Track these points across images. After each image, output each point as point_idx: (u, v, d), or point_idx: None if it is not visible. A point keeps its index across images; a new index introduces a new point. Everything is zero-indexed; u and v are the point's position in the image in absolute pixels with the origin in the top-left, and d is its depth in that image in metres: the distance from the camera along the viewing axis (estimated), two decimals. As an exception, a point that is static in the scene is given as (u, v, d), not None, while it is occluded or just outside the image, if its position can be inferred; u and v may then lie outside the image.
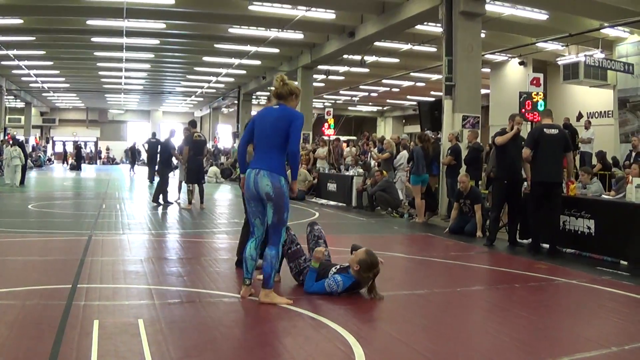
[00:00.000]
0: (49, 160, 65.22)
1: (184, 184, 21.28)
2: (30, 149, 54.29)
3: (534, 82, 20.74)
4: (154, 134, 33.41)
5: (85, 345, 5.80)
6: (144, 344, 5.89)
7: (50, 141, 73.32)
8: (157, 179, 23.12)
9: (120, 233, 14.16)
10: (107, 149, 73.14)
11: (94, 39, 32.58)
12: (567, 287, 9.76)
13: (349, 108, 62.83)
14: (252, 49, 33.55)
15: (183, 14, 27.25)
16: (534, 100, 19.99)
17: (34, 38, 32.28)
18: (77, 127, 72.98)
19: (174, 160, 21.56)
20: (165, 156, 21.56)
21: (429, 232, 16.03)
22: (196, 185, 20.51)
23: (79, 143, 58.63)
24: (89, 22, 28.28)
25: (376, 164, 22.31)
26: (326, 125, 33.25)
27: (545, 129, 12.64)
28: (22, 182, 29.80)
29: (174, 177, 23.18)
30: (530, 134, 12.99)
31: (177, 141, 21.58)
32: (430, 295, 8.79)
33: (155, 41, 33.01)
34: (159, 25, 29.08)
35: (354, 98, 54.89)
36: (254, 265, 8.03)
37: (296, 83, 8.43)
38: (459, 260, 11.90)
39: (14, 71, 43.43)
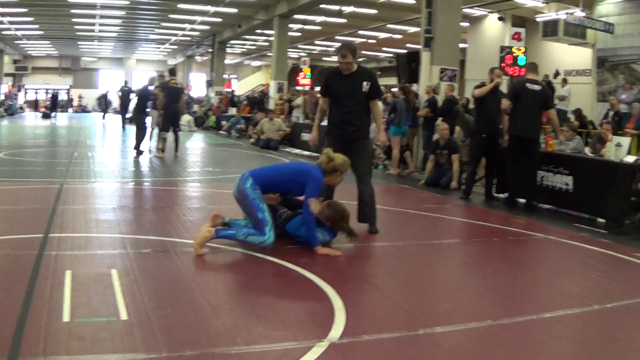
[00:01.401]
0: (21, 108, 64.53)
1: (154, 132, 21.04)
2: (3, 98, 54.09)
3: (516, 36, 20.55)
4: (125, 82, 33.13)
5: (57, 296, 5.63)
6: (117, 295, 5.74)
7: (22, 89, 72.36)
8: (130, 127, 22.86)
9: (92, 181, 13.94)
10: (80, 97, 72.31)
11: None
12: (546, 242, 9.68)
13: (324, 59, 62.41)
14: (229, -5, 33.10)
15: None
16: (515, 55, 19.78)
17: (6, -15, 31.74)
18: (50, 75, 72.00)
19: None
20: (141, 103, 21.24)
21: (404, 184, 15.91)
22: (171, 133, 20.25)
23: (55, 92, 57.86)
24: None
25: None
26: (302, 75, 32.91)
27: (527, 84, 12.48)
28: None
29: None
30: (512, 87, 12.86)
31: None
32: (408, 247, 8.71)
33: (131, -14, 32.59)
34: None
35: (329, 49, 54.45)
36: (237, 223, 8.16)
37: (343, 158, 8.29)
38: (435, 212, 11.81)
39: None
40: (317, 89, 36.74)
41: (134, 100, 27.82)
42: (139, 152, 20.22)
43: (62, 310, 5.27)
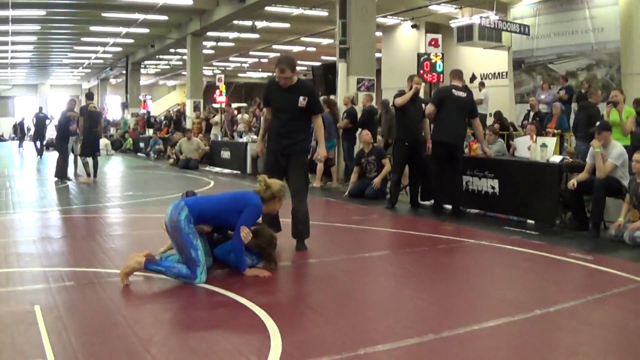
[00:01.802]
0: None
1: (78, 158, 20.47)
2: None
3: (433, 43, 20.57)
4: (40, 109, 32.53)
5: (-23, 338, 5.26)
6: (42, 334, 5.37)
7: None
8: (48, 154, 22.13)
9: (10, 212, 13.32)
10: (-4, 125, 71.15)
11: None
12: (478, 248, 9.53)
13: (239, 75, 62.13)
14: (140, 16, 32.57)
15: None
16: (433, 61, 19.77)
17: None
18: (-39, 104, 70.97)
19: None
20: (63, 129, 20.59)
21: (328, 197, 15.69)
22: (90, 158, 19.70)
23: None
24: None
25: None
26: (217, 92, 32.45)
27: (453, 90, 12.46)
28: None
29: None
30: (437, 92, 12.83)
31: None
32: (339, 262, 8.46)
33: (42, 12, 31.81)
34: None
35: (243, 65, 54.29)
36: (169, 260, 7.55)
37: (280, 184, 8.01)
38: (362, 224, 11.60)
39: None
40: (234, 105, 36.58)
41: (50, 126, 27.21)
42: (64, 179, 19.64)
43: (-17, 355, 4.91)
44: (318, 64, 28.95)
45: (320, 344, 5.25)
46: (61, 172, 19.81)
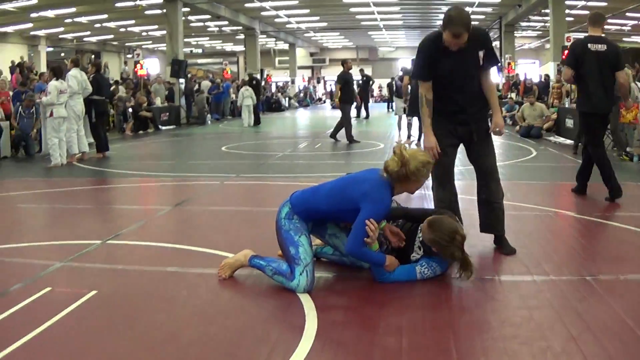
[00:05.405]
0: (319, 99, 67.68)
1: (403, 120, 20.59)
2: (297, 90, 59.58)
3: None
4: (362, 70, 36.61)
5: None
6: None
7: (322, 81, 75.73)
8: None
9: (263, 176, 13.32)
10: (380, 87, 72.97)
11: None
12: None
13: (624, 39, 57.93)
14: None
15: None
16: None
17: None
18: (347, 66, 73.99)
19: None
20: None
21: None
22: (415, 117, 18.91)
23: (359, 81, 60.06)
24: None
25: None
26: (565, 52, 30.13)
27: (589, 44, 9.89)
28: (257, 122, 30.55)
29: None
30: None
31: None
32: (557, 285, 5.87)
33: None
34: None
35: (624, 27, 50.48)
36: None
37: (425, 159, 5.88)
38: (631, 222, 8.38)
39: (263, 13, 44.04)
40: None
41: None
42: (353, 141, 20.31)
43: None
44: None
45: None
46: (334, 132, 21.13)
